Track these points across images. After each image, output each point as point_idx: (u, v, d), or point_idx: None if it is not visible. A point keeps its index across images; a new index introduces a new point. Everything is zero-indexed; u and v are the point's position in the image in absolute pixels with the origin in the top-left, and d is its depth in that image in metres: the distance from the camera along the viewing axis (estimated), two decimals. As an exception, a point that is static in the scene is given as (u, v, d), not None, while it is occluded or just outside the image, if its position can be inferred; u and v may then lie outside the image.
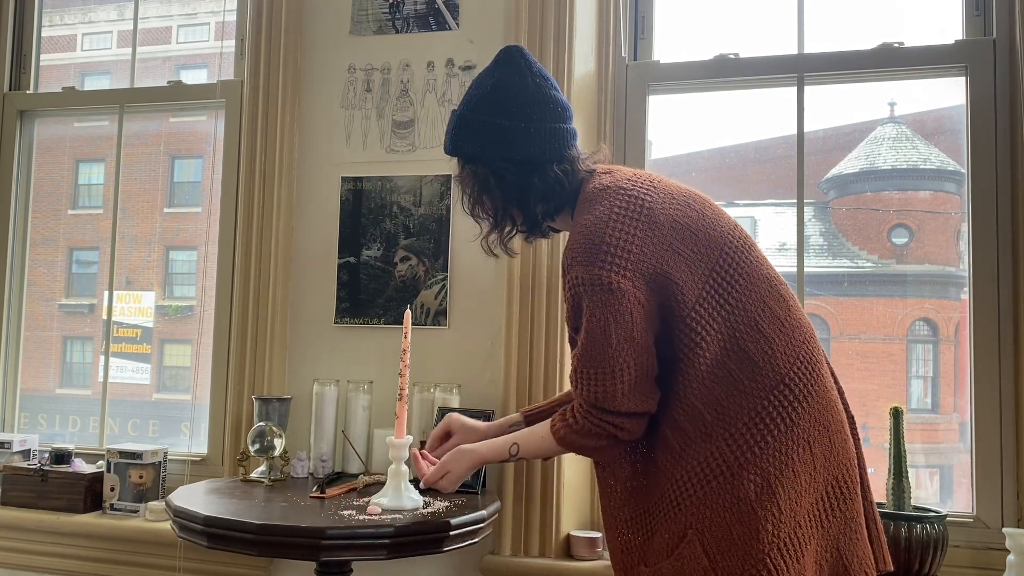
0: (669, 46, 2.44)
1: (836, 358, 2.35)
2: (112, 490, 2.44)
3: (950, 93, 2.24)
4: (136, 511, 2.42)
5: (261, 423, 2.26)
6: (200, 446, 2.64)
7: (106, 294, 2.83)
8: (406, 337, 1.84)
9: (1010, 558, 1.84)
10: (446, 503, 1.89)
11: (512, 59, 1.59)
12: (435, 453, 1.79)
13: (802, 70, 2.30)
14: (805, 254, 2.27)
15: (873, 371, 2.32)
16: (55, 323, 3.00)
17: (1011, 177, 2.11)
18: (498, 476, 2.22)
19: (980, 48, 2.17)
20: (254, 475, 2.24)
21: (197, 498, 1.89)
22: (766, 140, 2.44)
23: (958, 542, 2.03)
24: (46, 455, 2.55)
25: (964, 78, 2.20)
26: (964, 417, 2.15)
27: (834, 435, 1.42)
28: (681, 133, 2.48)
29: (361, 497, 1.94)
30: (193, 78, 2.90)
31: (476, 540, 1.84)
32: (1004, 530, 1.88)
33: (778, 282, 1.48)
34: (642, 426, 1.44)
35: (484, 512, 1.84)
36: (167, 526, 2.18)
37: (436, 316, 2.37)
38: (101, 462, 2.50)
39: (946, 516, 1.89)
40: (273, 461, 2.24)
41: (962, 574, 2.01)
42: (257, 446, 2.21)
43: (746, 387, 1.39)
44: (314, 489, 2.04)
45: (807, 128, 2.30)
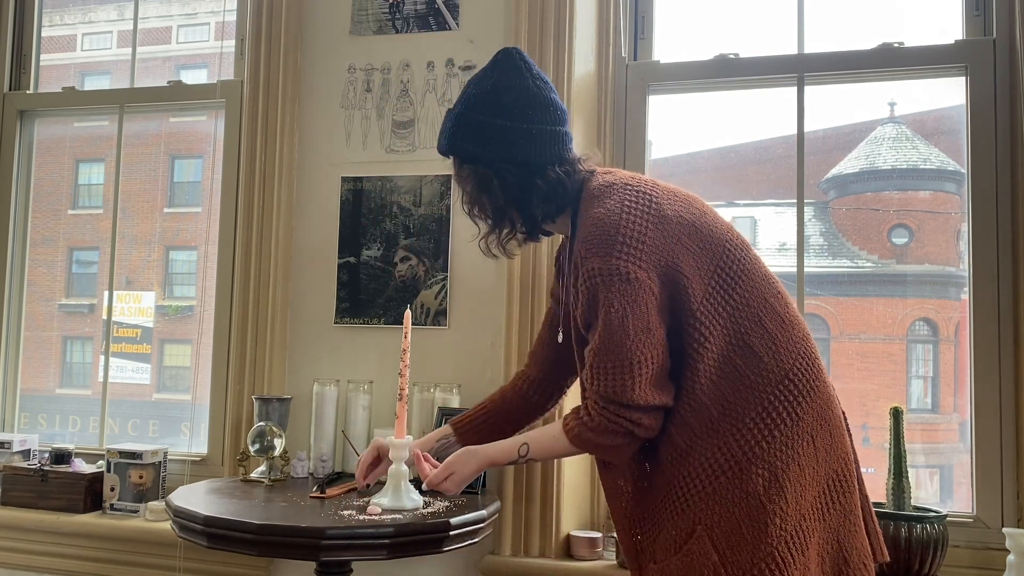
0: (669, 46, 2.44)
1: (836, 358, 2.35)
2: (112, 490, 2.44)
3: (950, 93, 2.24)
4: (136, 511, 2.42)
5: (261, 423, 2.26)
6: (200, 446, 2.64)
7: (106, 294, 2.83)
8: (406, 337, 1.84)
9: (1010, 558, 1.84)
10: (446, 503, 1.89)
11: (512, 61, 1.59)
12: (368, 478, 1.82)
13: (802, 70, 2.30)
14: (805, 254, 2.27)
15: (873, 371, 2.32)
16: (55, 323, 3.00)
17: (1011, 177, 2.11)
18: (498, 476, 2.22)
19: (980, 48, 2.17)
20: (254, 475, 2.24)
21: (197, 498, 1.89)
22: (766, 140, 2.44)
23: (958, 542, 2.03)
24: (46, 455, 2.55)
25: (964, 78, 2.20)
26: (964, 417, 2.15)
27: (834, 430, 1.46)
28: (681, 133, 2.48)
29: (361, 497, 1.94)
30: (193, 78, 2.90)
31: (476, 540, 1.84)
32: (1004, 530, 1.88)
33: (775, 280, 1.51)
34: (659, 421, 1.43)
35: (484, 512, 1.84)
36: (167, 526, 2.18)
37: (436, 316, 2.37)
38: (101, 462, 2.50)
39: (946, 516, 1.89)
40: (273, 461, 2.24)
41: (962, 574, 2.01)
42: (257, 446, 2.21)
43: (752, 382, 1.41)
44: (314, 489, 2.04)
45: (807, 128, 2.30)
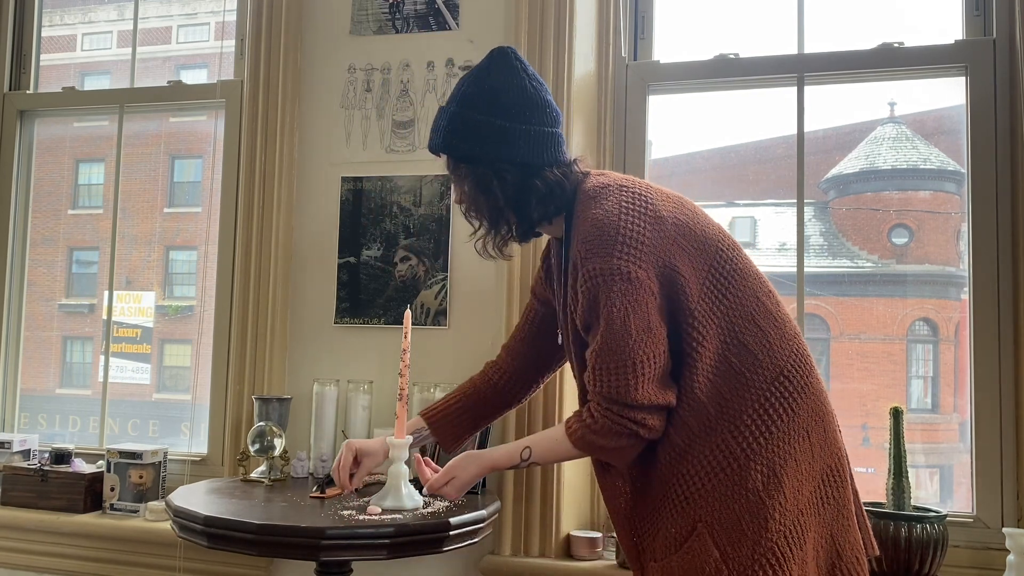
0: (669, 46, 2.44)
1: (836, 358, 2.35)
2: (112, 490, 2.44)
3: (950, 93, 2.24)
4: (136, 511, 2.42)
5: (261, 423, 2.26)
6: (200, 446, 2.64)
7: (106, 294, 2.83)
8: (406, 337, 1.84)
9: (1010, 558, 1.84)
10: (446, 503, 1.89)
11: (507, 60, 1.58)
12: (353, 481, 1.79)
13: (802, 70, 2.30)
14: (805, 254, 2.27)
15: (873, 371, 2.32)
16: (55, 323, 3.00)
17: (1011, 177, 2.11)
18: (498, 476, 2.22)
19: (980, 48, 2.17)
20: (254, 475, 2.24)
21: (197, 498, 1.89)
22: (766, 140, 2.44)
23: (958, 542, 2.03)
24: (46, 455, 2.55)
25: (964, 78, 2.20)
26: (964, 417, 2.15)
27: (827, 425, 1.47)
28: (681, 133, 2.48)
29: (361, 497, 1.94)
30: (193, 78, 2.90)
31: (476, 540, 1.84)
32: (1004, 530, 1.88)
33: (766, 280, 1.53)
34: (663, 421, 1.43)
35: (484, 512, 1.84)
36: (167, 526, 2.18)
37: (436, 316, 2.37)
38: (101, 462, 2.50)
39: (946, 516, 1.89)
40: (273, 461, 2.24)
41: (962, 574, 2.01)
42: (257, 446, 2.21)
43: (748, 380, 1.42)
44: (314, 489, 2.04)
45: (807, 128, 2.30)
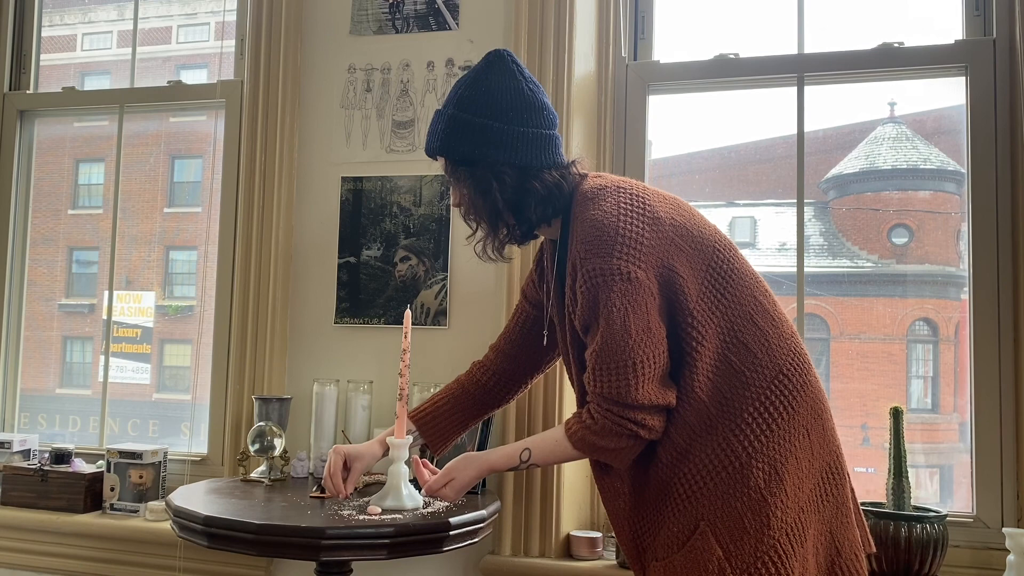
0: (669, 46, 2.44)
1: (836, 358, 2.35)
2: (112, 490, 2.44)
3: (950, 93, 2.24)
4: (136, 511, 2.42)
5: (261, 423, 2.26)
6: (200, 446, 2.64)
7: (106, 294, 2.83)
8: (406, 337, 1.84)
9: (1010, 558, 1.84)
10: (446, 503, 1.89)
11: (505, 63, 1.59)
12: (346, 486, 1.78)
13: (802, 70, 2.30)
14: (805, 254, 2.27)
15: (873, 371, 2.32)
16: (55, 323, 3.00)
17: (1011, 177, 2.11)
18: (498, 476, 2.22)
19: (980, 48, 2.17)
20: (254, 475, 2.24)
21: (197, 498, 1.89)
22: (766, 140, 2.44)
23: (958, 542, 2.03)
24: (46, 455, 2.55)
25: (964, 78, 2.20)
26: (964, 417, 2.15)
27: (825, 423, 1.48)
28: (681, 133, 2.48)
29: (361, 497, 1.94)
30: (193, 78, 2.90)
31: (476, 540, 1.84)
32: (1004, 530, 1.88)
33: (762, 279, 1.54)
34: (663, 422, 1.43)
35: (484, 512, 1.84)
36: (167, 526, 2.18)
37: (436, 316, 2.37)
38: (101, 462, 2.50)
39: (946, 516, 1.89)
40: (273, 461, 2.24)
41: (962, 574, 2.01)
42: (257, 446, 2.21)
43: (748, 378, 1.42)
44: (314, 489, 2.04)
45: (807, 128, 2.30)
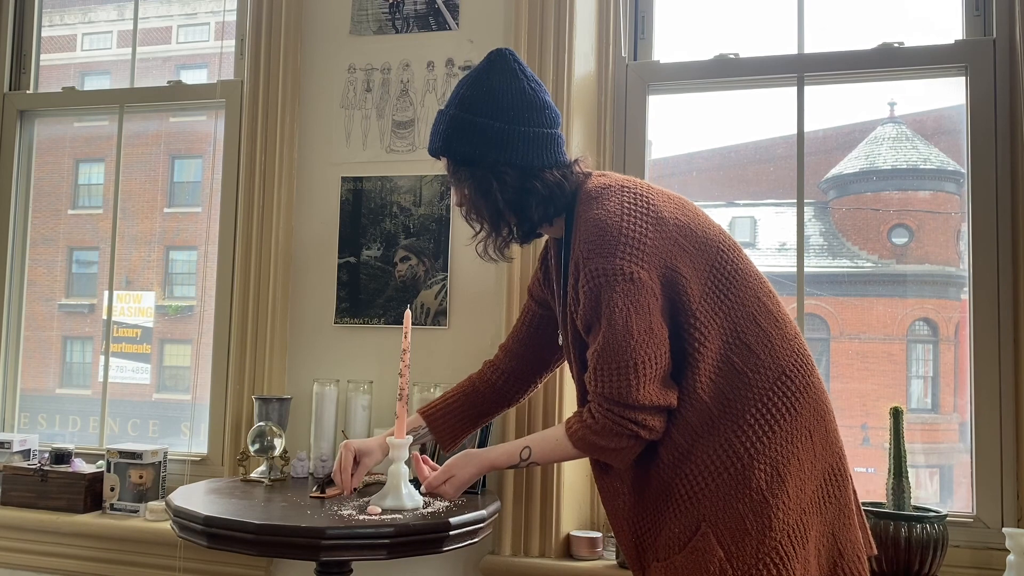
0: (669, 46, 2.44)
1: (836, 358, 2.35)
2: (112, 490, 2.44)
3: (950, 93, 2.24)
4: (136, 511, 2.42)
5: (261, 423, 2.26)
6: (200, 446, 2.64)
7: (106, 294, 2.83)
8: (406, 337, 1.84)
9: (1010, 558, 1.84)
10: (446, 503, 1.89)
11: (506, 62, 1.59)
12: (353, 481, 1.79)
13: (802, 70, 2.30)
14: (805, 254, 2.27)
15: (873, 371, 2.32)
16: (55, 323, 3.00)
17: (1011, 177, 2.11)
18: (498, 476, 2.22)
19: (980, 48, 2.17)
20: (254, 475, 2.24)
21: (197, 498, 1.89)
22: (766, 140, 2.44)
23: (958, 542, 2.03)
24: (46, 455, 2.55)
25: (964, 78, 2.20)
26: (964, 417, 2.15)
27: (828, 425, 1.48)
28: (681, 133, 2.48)
29: (361, 497, 1.94)
30: (193, 78, 2.90)
31: (476, 540, 1.84)
32: (1004, 530, 1.88)
33: (766, 280, 1.53)
34: (664, 422, 1.43)
35: (484, 512, 1.84)
36: (167, 526, 2.18)
37: (436, 316, 2.37)
38: (101, 462, 2.50)
39: (946, 516, 1.89)
40: (273, 461, 2.24)
41: (962, 574, 2.01)
42: (257, 446, 2.21)
43: (751, 379, 1.42)
44: (314, 489, 2.04)
45: (807, 128, 2.30)
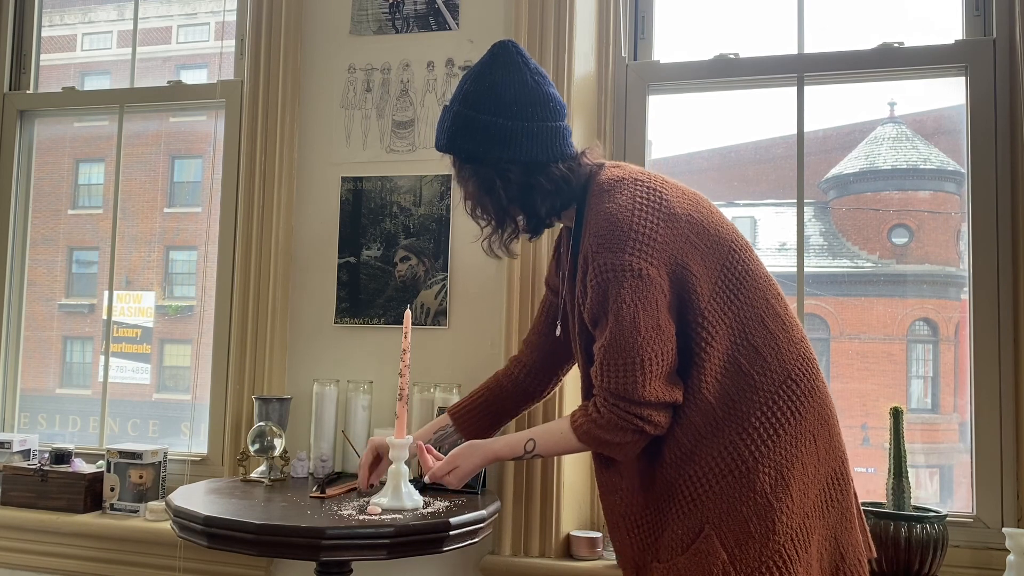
0: (669, 46, 2.44)
1: (836, 358, 2.35)
2: (112, 490, 2.44)
3: (950, 93, 2.24)
4: (136, 511, 2.42)
5: (261, 423, 2.26)
6: (200, 446, 2.64)
7: (106, 294, 2.83)
8: (406, 337, 1.84)
9: (1010, 558, 1.84)
10: (446, 503, 1.89)
11: (509, 55, 1.57)
12: (371, 477, 1.82)
13: (802, 70, 2.30)
14: (805, 254, 2.27)
15: (873, 371, 2.32)
16: (55, 323, 3.00)
17: (1011, 177, 2.11)
18: (498, 476, 2.22)
19: (980, 48, 2.17)
20: (254, 475, 2.24)
21: (197, 498, 1.89)
22: (766, 140, 2.44)
23: (958, 542, 2.03)
24: (46, 455, 2.55)
25: (964, 78, 2.19)
26: (964, 417, 2.15)
27: (832, 429, 1.47)
28: (681, 133, 2.48)
29: (361, 497, 1.94)
30: (193, 78, 2.90)
31: (476, 540, 1.84)
32: (1004, 530, 1.88)
33: (775, 282, 1.52)
34: (669, 418, 1.43)
35: (484, 512, 1.84)
36: (167, 526, 2.18)
37: (436, 316, 2.37)
38: (101, 462, 2.50)
39: (946, 516, 1.89)
40: (273, 461, 2.24)
41: (962, 574, 2.01)
42: (257, 446, 2.21)
43: (756, 382, 1.41)
44: (314, 489, 2.04)
45: (807, 128, 2.30)
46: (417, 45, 2.47)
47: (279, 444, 2.23)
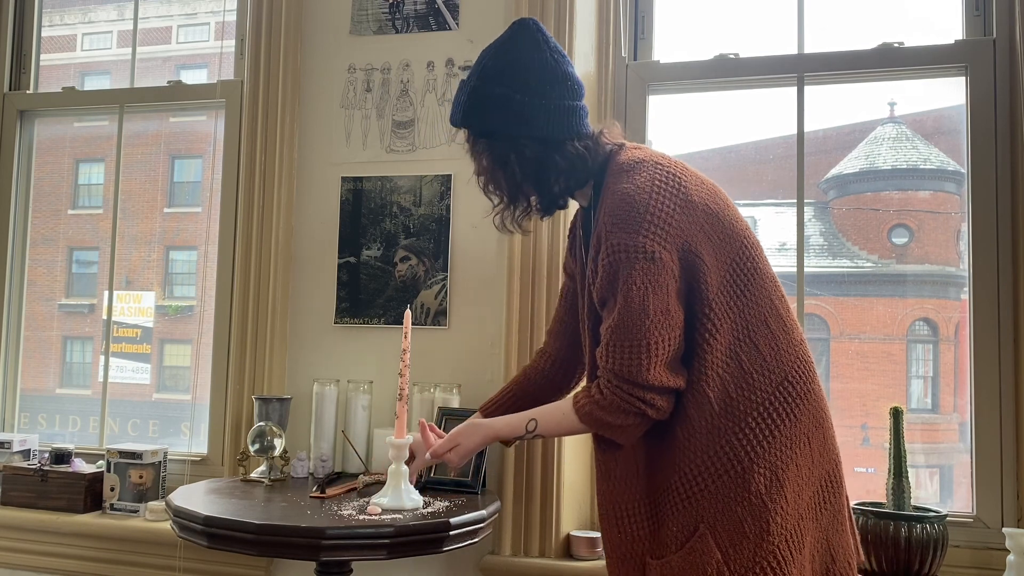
0: (669, 46, 2.44)
1: (836, 358, 2.35)
2: (112, 490, 2.44)
3: (950, 93, 2.24)
4: (136, 511, 2.42)
5: (261, 423, 2.26)
6: (200, 446, 2.64)
7: (106, 294, 2.83)
8: (406, 337, 1.84)
9: (1010, 558, 1.84)
10: (446, 503, 1.89)
11: (529, 33, 1.56)
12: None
13: (802, 70, 2.30)
14: (805, 254, 2.27)
15: (873, 371, 2.32)
16: (55, 323, 3.00)
17: (1011, 177, 2.11)
18: (498, 476, 2.22)
19: (980, 48, 2.17)
20: (254, 475, 2.24)
21: (197, 498, 1.89)
22: (766, 140, 2.44)
23: (958, 542, 2.03)
24: (46, 455, 2.55)
25: (964, 78, 2.19)
26: (964, 417, 2.15)
27: (826, 432, 1.47)
28: (681, 133, 2.48)
29: (361, 497, 1.94)
30: (193, 78, 2.90)
31: (476, 540, 1.84)
32: (1004, 530, 1.88)
33: (780, 284, 1.52)
34: (671, 403, 1.42)
35: (484, 512, 1.84)
36: (167, 526, 2.18)
37: (436, 316, 2.37)
38: (101, 462, 2.50)
39: (946, 516, 1.89)
40: (273, 461, 2.24)
41: (962, 574, 2.01)
42: (257, 446, 2.21)
43: (755, 381, 1.41)
44: (314, 489, 2.04)
45: (807, 128, 2.30)
46: (417, 45, 2.47)
47: (279, 444, 2.23)
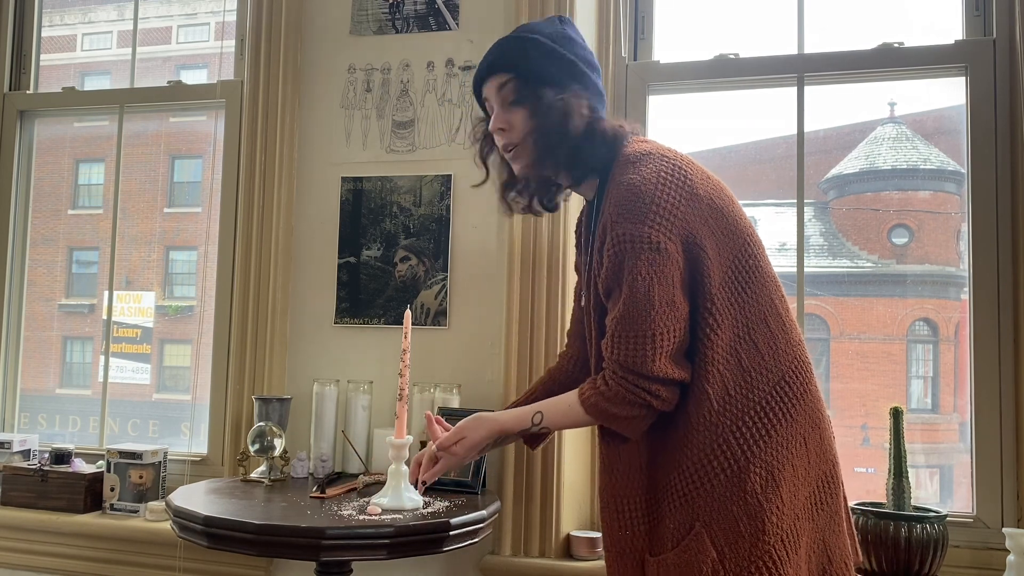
0: (669, 46, 2.44)
1: (836, 358, 2.35)
2: (112, 490, 2.44)
3: (950, 93, 2.24)
4: (136, 511, 2.42)
5: (261, 423, 2.26)
6: (200, 446, 2.64)
7: (106, 294, 2.83)
8: (406, 337, 1.84)
9: (1010, 558, 1.84)
10: (446, 503, 1.89)
11: (569, 23, 1.64)
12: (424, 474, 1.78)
13: (802, 70, 2.30)
14: (805, 254, 2.27)
15: (873, 371, 2.32)
16: (55, 323, 3.00)
17: (1011, 177, 2.11)
18: (498, 476, 2.22)
19: (980, 48, 2.17)
20: (254, 475, 2.24)
21: (197, 498, 1.89)
22: (766, 140, 2.44)
23: (958, 542, 2.03)
24: (46, 455, 2.55)
25: (964, 78, 2.20)
26: (964, 417, 2.15)
27: (823, 433, 1.47)
28: (681, 133, 2.48)
29: (361, 497, 1.94)
30: (193, 78, 2.90)
31: (476, 540, 1.84)
32: (1004, 530, 1.88)
33: (780, 284, 1.52)
34: (676, 395, 1.43)
35: (484, 512, 1.84)
36: (167, 526, 2.18)
37: (436, 316, 2.37)
38: (101, 462, 2.50)
39: (946, 516, 1.89)
40: (273, 461, 2.24)
41: (962, 574, 2.01)
42: (257, 446, 2.21)
43: (753, 379, 1.41)
44: (314, 489, 2.04)
45: (807, 128, 2.30)
46: (417, 45, 2.47)
47: (279, 444, 2.23)
